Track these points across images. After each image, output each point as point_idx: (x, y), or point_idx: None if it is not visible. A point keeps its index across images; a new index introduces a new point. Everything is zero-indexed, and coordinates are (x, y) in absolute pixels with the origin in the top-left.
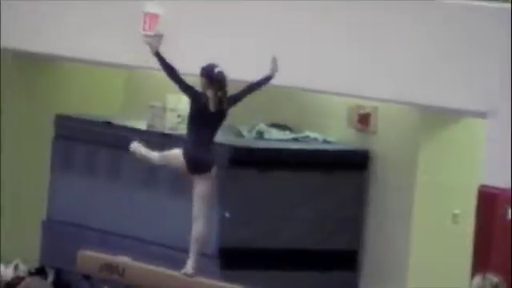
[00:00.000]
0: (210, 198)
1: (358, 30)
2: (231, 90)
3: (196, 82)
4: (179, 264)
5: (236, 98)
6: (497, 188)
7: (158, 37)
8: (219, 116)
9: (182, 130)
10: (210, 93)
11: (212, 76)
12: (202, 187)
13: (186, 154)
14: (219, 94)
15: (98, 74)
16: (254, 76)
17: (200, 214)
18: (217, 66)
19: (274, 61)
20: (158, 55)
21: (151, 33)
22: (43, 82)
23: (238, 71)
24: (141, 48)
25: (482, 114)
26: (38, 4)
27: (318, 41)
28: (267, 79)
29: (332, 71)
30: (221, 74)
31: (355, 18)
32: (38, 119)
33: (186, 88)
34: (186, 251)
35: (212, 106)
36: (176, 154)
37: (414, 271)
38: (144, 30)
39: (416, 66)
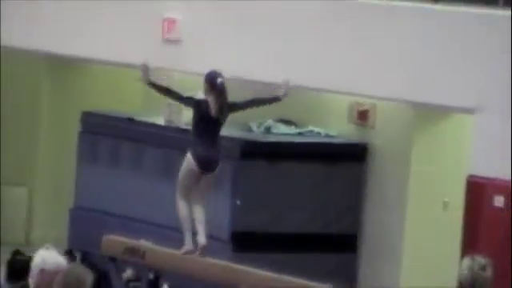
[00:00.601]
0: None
1: (359, 34)
2: (244, 90)
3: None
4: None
5: (239, 107)
6: (484, 178)
7: (146, 67)
8: (220, 120)
9: None
10: (210, 98)
11: (214, 84)
12: (207, 184)
13: (198, 156)
14: (219, 100)
15: (121, 75)
16: (265, 76)
17: (201, 202)
18: (219, 75)
19: (286, 83)
20: (151, 84)
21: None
22: (72, 81)
23: (249, 72)
24: (160, 51)
25: (470, 110)
26: (70, 12)
27: (321, 43)
28: (275, 100)
29: (334, 71)
30: (222, 84)
31: (356, 22)
32: (68, 115)
33: (186, 100)
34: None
35: (213, 112)
36: (185, 164)
37: (408, 253)
38: (163, 34)
39: (411, 67)
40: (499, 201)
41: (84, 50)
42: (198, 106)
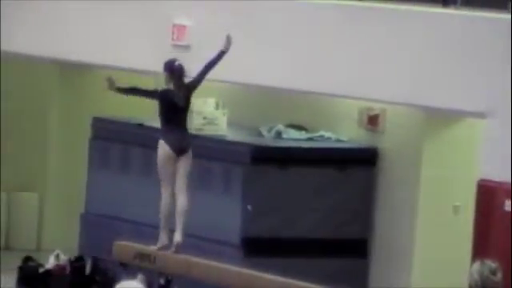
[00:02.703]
0: (189, 173)
1: (369, 39)
2: (254, 96)
3: (221, 87)
4: (204, 252)
5: (197, 81)
6: (495, 182)
7: (111, 79)
8: (186, 103)
9: (208, 130)
10: (172, 85)
11: (173, 69)
12: (184, 165)
13: (170, 140)
14: (180, 83)
15: (131, 81)
16: (275, 82)
17: (184, 188)
18: (176, 60)
19: (228, 38)
20: (119, 90)
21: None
22: (83, 87)
23: (258, 77)
24: (169, 56)
25: (481, 115)
26: (80, 18)
27: (331, 48)
28: (221, 54)
29: (344, 76)
30: (180, 65)
31: (367, 27)
32: (78, 121)
33: (152, 94)
34: (209, 240)
35: (177, 98)
36: (160, 151)
37: (419, 258)
38: (173, 40)
39: (421, 72)
40: (510, 205)
41: (94, 55)
42: (164, 95)
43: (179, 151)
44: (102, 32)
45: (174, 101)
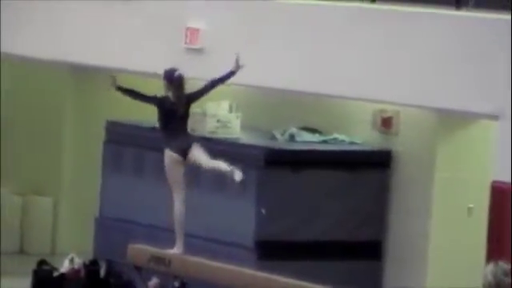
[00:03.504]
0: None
1: (382, 41)
2: (267, 98)
3: (235, 90)
4: (218, 255)
5: (197, 94)
6: (508, 183)
7: (114, 78)
8: (184, 112)
9: (221, 133)
10: (171, 94)
11: (172, 78)
12: (197, 153)
13: (174, 147)
14: (179, 93)
15: (145, 84)
16: (288, 84)
17: (215, 162)
18: (176, 70)
19: (237, 59)
20: (119, 89)
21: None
22: (96, 91)
23: (271, 80)
24: (182, 59)
25: (494, 117)
26: (93, 22)
27: (344, 51)
28: (230, 75)
29: (357, 79)
30: (180, 75)
31: (380, 29)
32: (92, 125)
33: (150, 99)
34: (223, 243)
35: (176, 106)
36: (167, 160)
37: (433, 260)
38: (186, 43)
39: (434, 73)
40: None
41: (107, 59)
42: (162, 103)
43: (185, 154)
44: (115, 35)
45: (173, 108)
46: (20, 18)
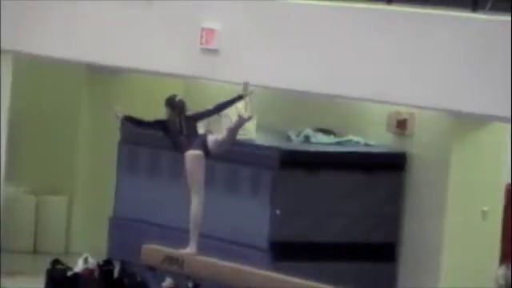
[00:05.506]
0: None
1: (397, 43)
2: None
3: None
4: (232, 256)
5: (202, 115)
6: None
7: (120, 112)
8: (190, 131)
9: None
10: (175, 118)
11: (174, 104)
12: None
13: (199, 145)
14: (181, 117)
15: (160, 84)
16: (302, 86)
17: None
18: (177, 96)
19: (246, 84)
20: (128, 120)
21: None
22: (111, 91)
23: (286, 81)
24: (198, 60)
25: (507, 119)
26: (109, 23)
27: (359, 53)
28: (237, 99)
29: (372, 81)
30: (181, 101)
31: (394, 31)
32: (107, 124)
33: (156, 125)
34: (237, 244)
35: (181, 130)
36: (189, 162)
37: (447, 262)
38: (201, 44)
39: (449, 77)
40: None
41: (123, 59)
42: (168, 127)
43: (205, 148)
44: (131, 36)
45: (177, 130)
46: (36, 17)
